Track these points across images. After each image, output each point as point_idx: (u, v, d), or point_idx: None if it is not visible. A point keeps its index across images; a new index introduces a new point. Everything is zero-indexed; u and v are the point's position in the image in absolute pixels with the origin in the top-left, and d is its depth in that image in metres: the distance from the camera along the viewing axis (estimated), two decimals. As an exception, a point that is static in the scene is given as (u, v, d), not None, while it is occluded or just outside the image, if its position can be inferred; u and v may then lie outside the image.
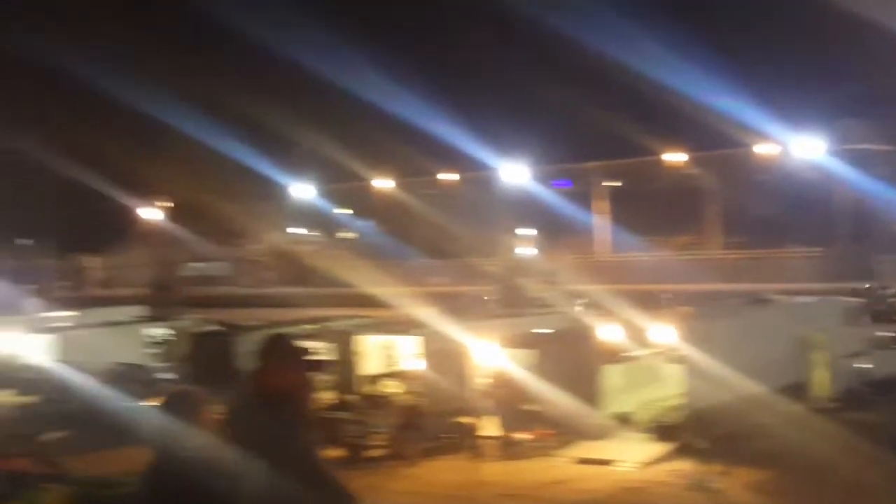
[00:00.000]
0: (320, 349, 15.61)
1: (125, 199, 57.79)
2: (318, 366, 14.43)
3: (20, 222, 63.64)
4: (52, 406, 17.39)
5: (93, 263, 62.03)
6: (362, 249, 53.00)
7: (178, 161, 54.99)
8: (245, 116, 52.06)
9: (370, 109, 50.25)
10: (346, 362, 15.96)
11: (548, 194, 52.03)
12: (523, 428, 14.29)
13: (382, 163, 55.46)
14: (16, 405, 17.05)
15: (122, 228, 61.26)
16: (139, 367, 20.46)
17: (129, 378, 18.66)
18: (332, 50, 52.82)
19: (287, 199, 60.11)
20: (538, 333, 16.17)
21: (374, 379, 15.50)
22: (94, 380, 18.34)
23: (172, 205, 60.00)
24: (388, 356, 16.36)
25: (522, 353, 15.15)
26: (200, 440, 5.26)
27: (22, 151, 55.83)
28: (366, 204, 58.71)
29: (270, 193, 58.62)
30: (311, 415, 6.65)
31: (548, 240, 51.53)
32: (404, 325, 16.75)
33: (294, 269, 53.28)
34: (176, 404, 5.23)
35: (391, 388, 15.06)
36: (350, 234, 61.34)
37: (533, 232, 53.62)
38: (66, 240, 60.04)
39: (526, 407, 14.53)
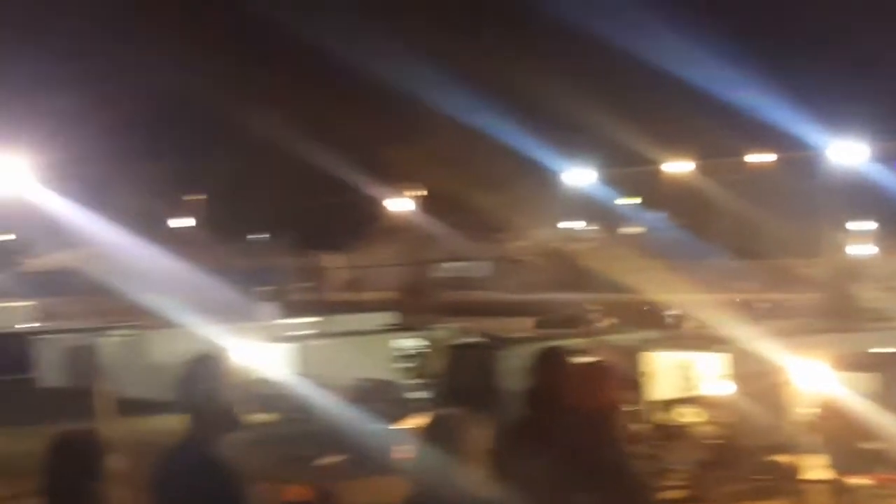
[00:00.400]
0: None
1: (372, 189, 59.55)
2: (631, 385, 14.38)
3: (254, 215, 67.04)
4: (294, 426, 18.15)
5: (335, 262, 64.42)
6: (651, 247, 52.45)
7: (431, 144, 56.22)
8: (510, 89, 52.59)
9: (662, 77, 49.66)
10: (632, 384, 15.82)
11: (892, 178, 49.72)
12: (861, 471, 13.69)
13: (678, 142, 54.61)
14: (257, 424, 17.88)
15: (368, 222, 63.33)
16: (388, 383, 21.09)
17: (377, 396, 19.23)
18: (612, 7, 52.60)
19: (560, 187, 60.28)
20: (879, 353, 15.50)
21: (668, 405, 15.29)
22: (337, 397, 19.02)
23: (425, 194, 61.37)
24: (684, 378, 16.11)
25: (859, 377, 14.55)
26: (466, 475, 5.24)
27: (254, 134, 58.66)
28: (656, 192, 58.05)
29: (540, 181, 58.93)
30: (624, 450, 6.47)
31: (891, 236, 49.32)
32: (705, 341, 16.44)
33: (566, 270, 53.42)
34: (439, 430, 5.22)
35: (690, 416, 14.81)
36: (636, 229, 60.85)
37: (870, 226, 51.43)
38: (304, 235, 62.60)
39: (864, 445, 13.92)
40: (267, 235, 70.44)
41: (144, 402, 25.91)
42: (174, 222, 68.97)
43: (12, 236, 72.43)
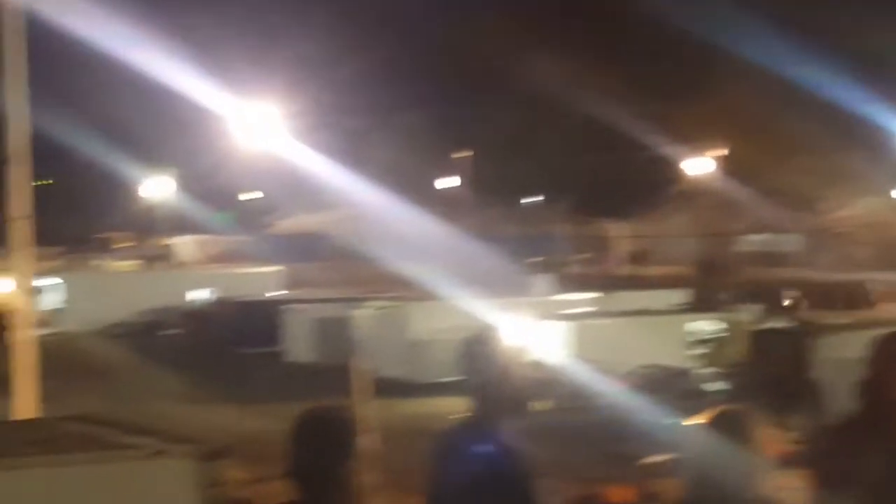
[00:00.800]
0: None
1: (665, 148, 58.98)
2: None
3: (527, 176, 67.40)
4: (570, 416, 18.13)
5: (619, 231, 64.19)
6: None
7: (736, 97, 55.20)
8: (833, 33, 51.02)
9: None
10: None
11: None
12: None
13: None
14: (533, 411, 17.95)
15: (659, 186, 62.72)
16: (680, 371, 20.81)
17: (666, 385, 19.01)
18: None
19: (893, 148, 58.30)
20: None
21: None
22: (620, 385, 18.88)
23: (727, 155, 60.43)
24: None
25: None
26: (751, 478, 5.11)
27: (531, 84, 58.84)
28: None
29: (868, 141, 57.08)
30: None
31: None
32: None
33: (896, 246, 51.67)
34: (719, 427, 5.13)
35: None
36: None
37: None
38: (585, 199, 62.51)
39: None
40: (542, 199, 70.65)
41: (402, 382, 26.43)
42: (438, 182, 70.11)
43: (259, 194, 75.13)
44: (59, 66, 49.72)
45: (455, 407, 5.44)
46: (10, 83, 15.88)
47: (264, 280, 45.76)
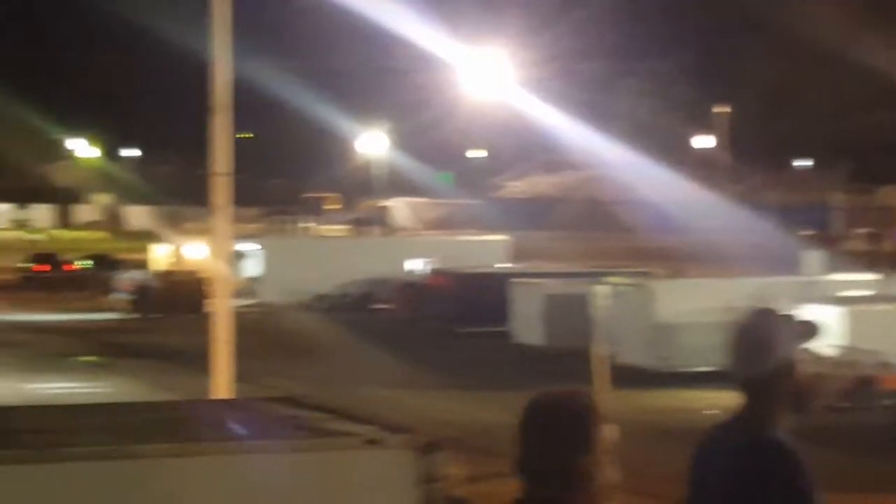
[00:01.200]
0: None
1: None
2: None
3: (797, 136, 66.40)
4: (847, 415, 17.87)
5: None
6: None
7: None
8: None
9: None
10: None
11: None
12: None
13: None
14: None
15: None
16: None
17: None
18: None
19: None
20: None
21: None
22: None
23: None
24: None
25: None
26: None
27: (804, 30, 57.98)
28: None
29: None
30: None
31: None
32: None
33: None
34: None
35: None
36: None
37: None
38: (864, 164, 61.38)
39: None
40: (812, 163, 69.70)
41: (643, 370, 26.36)
42: (692, 140, 69.50)
43: (485, 153, 75.63)
44: (269, 10, 50.83)
45: (709, 401, 5.37)
46: (216, 30, 16.23)
47: (489, 250, 45.95)
